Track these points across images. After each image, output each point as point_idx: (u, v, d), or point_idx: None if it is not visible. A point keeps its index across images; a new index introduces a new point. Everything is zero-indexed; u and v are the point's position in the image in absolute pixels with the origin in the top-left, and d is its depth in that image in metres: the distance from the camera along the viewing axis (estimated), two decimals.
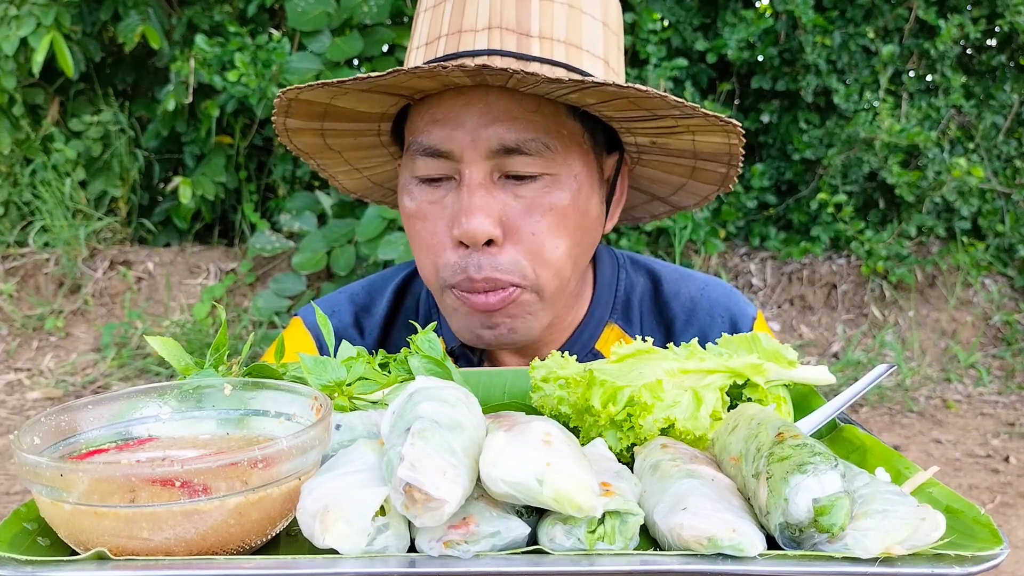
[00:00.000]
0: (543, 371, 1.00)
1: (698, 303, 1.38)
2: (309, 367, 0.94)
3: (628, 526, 0.71)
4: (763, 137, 5.38)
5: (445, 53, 1.13)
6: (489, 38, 1.12)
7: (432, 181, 1.16)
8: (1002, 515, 3.48)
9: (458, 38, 1.13)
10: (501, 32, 1.12)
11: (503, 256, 1.13)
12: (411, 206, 1.18)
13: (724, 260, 5.26)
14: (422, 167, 1.15)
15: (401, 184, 1.21)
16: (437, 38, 1.15)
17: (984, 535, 0.70)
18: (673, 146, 1.24)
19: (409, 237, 1.22)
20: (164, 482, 0.70)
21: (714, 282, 1.42)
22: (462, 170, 1.13)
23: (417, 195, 1.17)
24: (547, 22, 1.14)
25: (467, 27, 1.13)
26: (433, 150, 1.13)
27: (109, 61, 5.63)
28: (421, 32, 1.20)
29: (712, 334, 1.34)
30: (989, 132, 5.19)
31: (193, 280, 5.20)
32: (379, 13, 4.67)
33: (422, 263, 1.21)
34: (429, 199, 1.16)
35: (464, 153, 1.12)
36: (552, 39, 1.13)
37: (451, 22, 1.14)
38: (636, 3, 4.93)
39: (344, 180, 1.40)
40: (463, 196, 1.12)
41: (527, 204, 1.14)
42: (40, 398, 4.56)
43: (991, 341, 5.06)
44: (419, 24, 1.21)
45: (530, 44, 1.12)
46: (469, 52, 1.11)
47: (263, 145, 5.50)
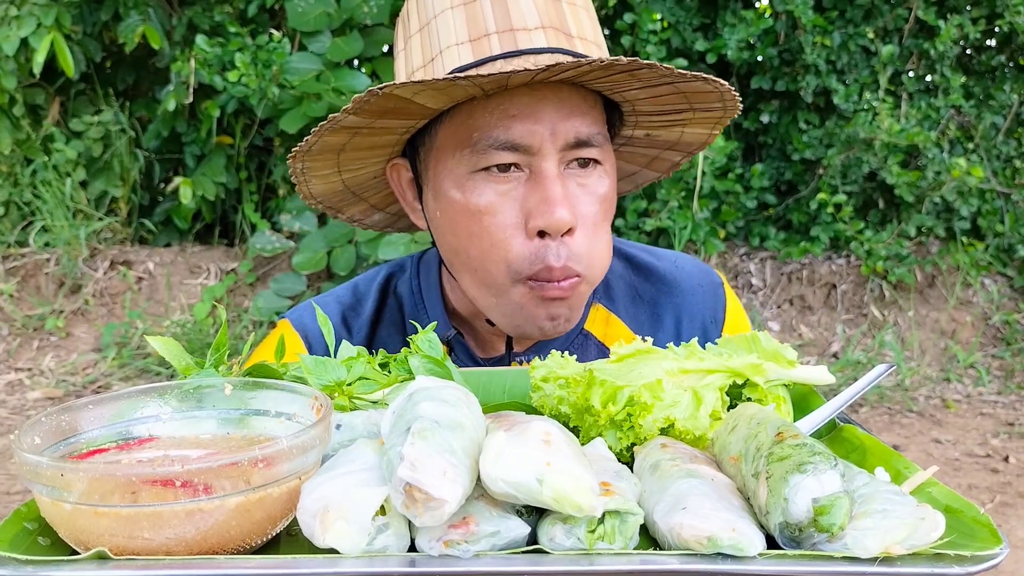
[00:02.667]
0: (543, 371, 1.00)
1: (675, 276, 1.45)
2: (309, 367, 0.94)
3: (628, 526, 0.71)
4: (763, 137, 5.38)
5: (505, 50, 1.15)
6: (546, 37, 1.16)
7: (500, 175, 1.17)
8: (1002, 515, 3.48)
9: (513, 36, 1.15)
10: (554, 32, 1.17)
11: (575, 244, 1.17)
12: (480, 201, 1.17)
13: (724, 260, 5.26)
14: (494, 159, 1.15)
15: (454, 180, 1.19)
16: (485, 35, 1.16)
17: (983, 535, 0.70)
18: (662, 138, 1.35)
19: (469, 234, 1.19)
20: (165, 482, 0.70)
21: (682, 256, 1.50)
22: (537, 163, 1.16)
23: (484, 190, 1.17)
24: (576, 23, 1.21)
25: (519, 26, 1.16)
26: (511, 144, 1.14)
27: (109, 61, 5.63)
28: (455, 29, 1.18)
29: (692, 305, 1.43)
30: (989, 132, 5.19)
31: (193, 280, 5.20)
32: (379, 13, 4.67)
33: (489, 257, 1.19)
34: (498, 191, 1.17)
35: (543, 146, 1.15)
36: (585, 39, 1.21)
37: (498, 20, 1.16)
38: (636, 3, 4.93)
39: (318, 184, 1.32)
40: (544, 187, 1.15)
41: (588, 193, 1.20)
42: (41, 398, 4.56)
43: (991, 341, 5.06)
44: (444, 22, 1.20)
45: (575, 43, 1.19)
46: (533, 50, 1.15)
47: (263, 145, 5.50)
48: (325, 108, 4.59)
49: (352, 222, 1.44)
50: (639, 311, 1.43)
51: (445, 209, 1.22)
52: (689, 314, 1.42)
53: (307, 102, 4.63)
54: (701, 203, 4.91)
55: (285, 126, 4.68)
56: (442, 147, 1.20)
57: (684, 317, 1.42)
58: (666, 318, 1.42)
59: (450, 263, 1.28)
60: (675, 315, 1.42)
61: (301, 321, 1.39)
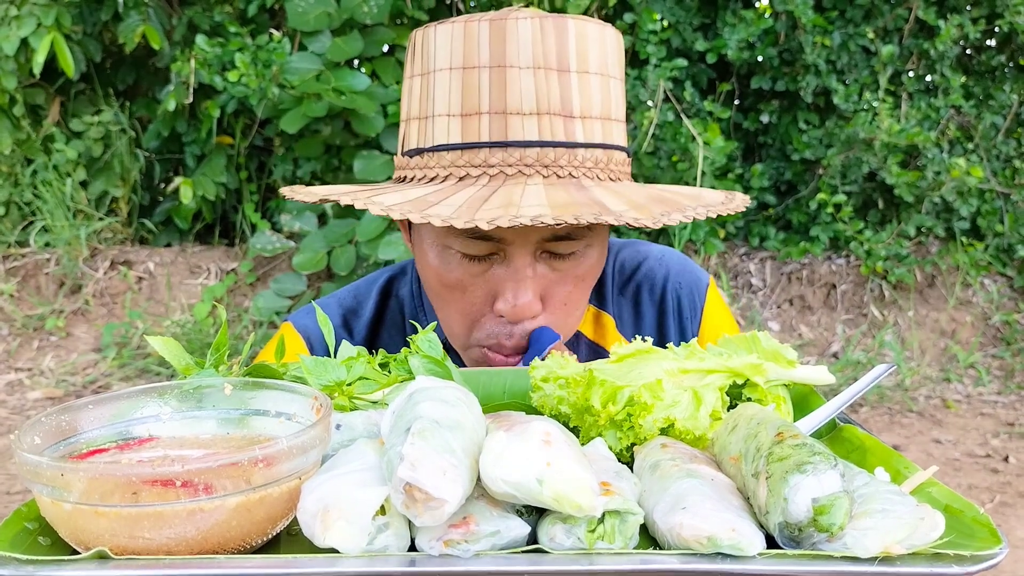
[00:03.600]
0: (543, 371, 1.00)
1: (658, 274, 1.45)
2: (309, 368, 0.94)
3: (628, 525, 0.71)
4: (763, 137, 5.38)
5: (492, 139, 1.12)
6: (539, 126, 1.12)
7: (474, 258, 1.17)
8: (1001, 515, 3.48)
9: (504, 120, 1.12)
10: (550, 119, 1.12)
11: (536, 324, 1.19)
12: (450, 277, 1.19)
13: (724, 260, 5.26)
14: (469, 247, 1.16)
15: (435, 248, 1.20)
16: (477, 113, 1.12)
17: (983, 535, 0.70)
18: None
19: (439, 298, 1.23)
20: (165, 482, 0.70)
21: (668, 251, 1.49)
22: (509, 251, 1.16)
23: (456, 268, 1.18)
24: (586, 99, 1.15)
25: (512, 108, 1.12)
26: (486, 236, 1.14)
27: (109, 61, 5.63)
28: (449, 96, 1.14)
29: (671, 301, 1.43)
30: (988, 132, 5.19)
31: (194, 280, 5.20)
32: (379, 13, 4.67)
33: (452, 322, 1.23)
34: (471, 272, 1.18)
35: (515, 240, 1.14)
36: (591, 117, 1.15)
37: (492, 98, 1.12)
38: (636, 3, 4.93)
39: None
40: (512, 276, 1.16)
41: (562, 276, 1.20)
42: (41, 398, 4.56)
43: (990, 341, 5.06)
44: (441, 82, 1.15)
45: (574, 128, 1.14)
46: (520, 143, 1.12)
47: (263, 145, 5.50)
48: (325, 108, 4.59)
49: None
50: (623, 306, 1.45)
51: (422, 265, 1.25)
52: (668, 309, 1.44)
53: (307, 102, 4.62)
54: None
55: (285, 126, 4.67)
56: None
57: (663, 312, 1.44)
58: (646, 313, 1.44)
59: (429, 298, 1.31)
60: (655, 310, 1.44)
61: (303, 324, 1.40)
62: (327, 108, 4.59)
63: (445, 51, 1.15)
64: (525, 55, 1.12)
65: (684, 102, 4.98)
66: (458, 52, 1.14)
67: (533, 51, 1.12)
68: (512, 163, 1.12)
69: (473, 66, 1.13)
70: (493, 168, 1.12)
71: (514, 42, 1.12)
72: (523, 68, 1.12)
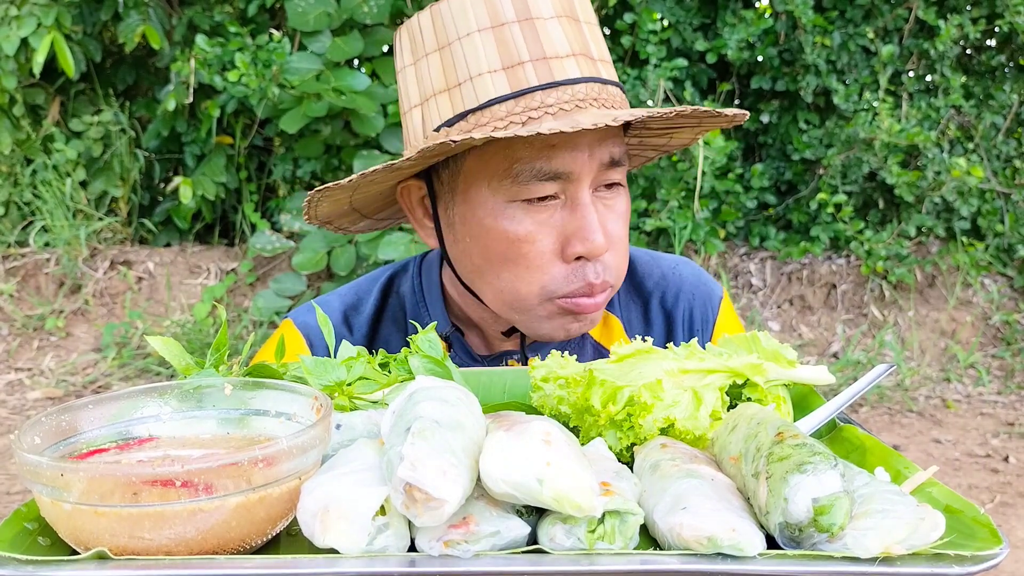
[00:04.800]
0: (543, 371, 1.00)
1: (671, 282, 1.47)
2: (309, 368, 0.94)
3: (628, 526, 0.71)
4: (763, 137, 5.38)
5: (542, 81, 1.16)
6: (578, 65, 1.18)
7: (538, 204, 1.19)
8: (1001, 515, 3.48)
9: (547, 65, 1.17)
10: (584, 59, 1.20)
11: (608, 260, 1.23)
12: (519, 230, 1.20)
13: (724, 260, 5.26)
14: (536, 190, 1.18)
15: (496, 208, 1.20)
16: (519, 63, 1.16)
17: (983, 535, 0.70)
18: (652, 143, 1.40)
19: (504, 259, 1.23)
20: (165, 482, 0.70)
21: (683, 262, 1.51)
22: (573, 190, 1.19)
23: (523, 219, 1.20)
24: (597, 44, 1.24)
25: (551, 54, 1.17)
26: (553, 173, 1.17)
27: (109, 61, 5.63)
28: (484, 54, 1.17)
29: (682, 312, 1.45)
30: (989, 132, 5.19)
31: (193, 280, 5.20)
32: (379, 13, 4.67)
33: (525, 281, 1.23)
34: (537, 221, 1.20)
35: (582, 171, 1.18)
36: (605, 61, 1.24)
37: (531, 48, 1.17)
38: (636, 3, 4.93)
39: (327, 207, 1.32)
40: (581, 215, 1.19)
41: (613, 212, 1.24)
42: (41, 398, 4.56)
43: (991, 341, 5.06)
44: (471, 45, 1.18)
45: (599, 68, 1.21)
46: (568, 80, 1.17)
47: (263, 145, 5.50)
48: (325, 108, 4.59)
49: (339, 230, 1.45)
50: (632, 312, 1.46)
51: (476, 235, 1.23)
52: (678, 319, 1.45)
53: (307, 102, 4.63)
54: (701, 203, 4.91)
55: (285, 126, 4.67)
56: (472, 174, 1.21)
57: (673, 321, 1.45)
58: (656, 321, 1.45)
59: (470, 280, 1.30)
60: (665, 319, 1.45)
61: (303, 321, 1.40)
62: (327, 108, 4.60)
63: (467, 17, 1.18)
64: (546, 7, 1.19)
65: (684, 102, 4.98)
66: (482, 14, 1.18)
67: (551, 2, 1.20)
68: (567, 99, 1.16)
69: (502, 23, 1.17)
70: (552, 107, 1.15)
71: None
72: (548, 19, 1.18)
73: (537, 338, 1.30)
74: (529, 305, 1.24)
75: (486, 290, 1.27)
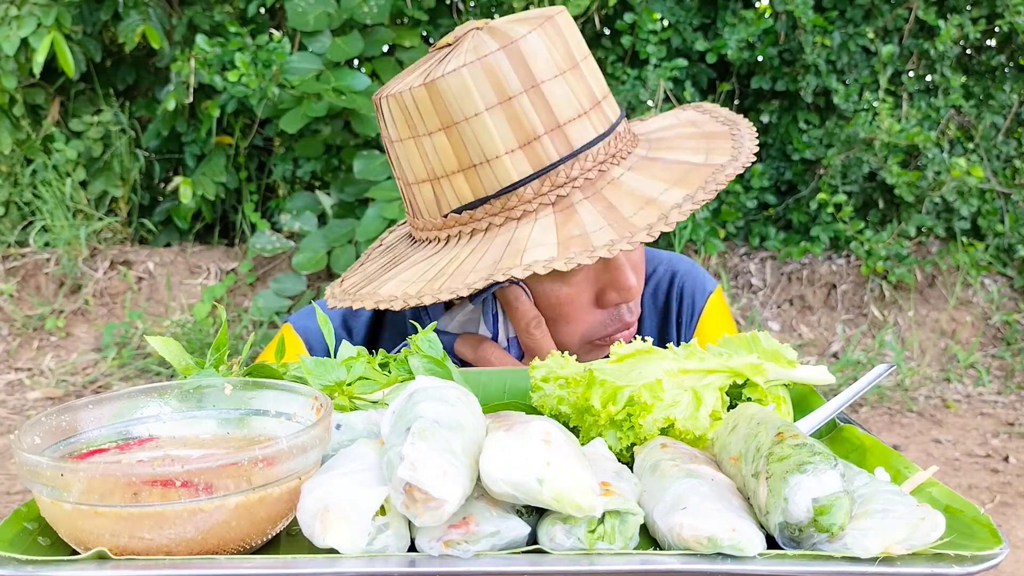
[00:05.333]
0: (543, 371, 1.00)
1: (664, 279, 1.47)
2: (309, 368, 0.94)
3: (628, 526, 0.71)
4: (763, 137, 5.38)
5: (562, 155, 1.15)
6: (592, 123, 1.17)
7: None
8: (1002, 515, 3.48)
9: (564, 134, 1.15)
10: (594, 112, 1.18)
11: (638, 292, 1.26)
12: (559, 295, 1.21)
13: (724, 260, 5.26)
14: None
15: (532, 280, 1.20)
16: (536, 138, 1.14)
17: (983, 535, 0.70)
18: None
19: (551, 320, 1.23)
20: (165, 482, 0.70)
21: (677, 258, 1.51)
22: None
23: (560, 286, 1.21)
24: (597, 83, 1.22)
25: (564, 120, 1.15)
26: None
27: (109, 61, 5.63)
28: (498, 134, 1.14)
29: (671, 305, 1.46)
30: (989, 132, 5.19)
31: (193, 280, 5.20)
32: (379, 13, 4.67)
33: (564, 334, 1.24)
34: (572, 284, 1.21)
35: None
36: (606, 97, 1.22)
37: (543, 118, 1.14)
38: (636, 3, 4.93)
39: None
40: (612, 267, 1.20)
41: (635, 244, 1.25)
42: (40, 398, 4.56)
43: (991, 341, 5.06)
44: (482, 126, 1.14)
45: (605, 111, 1.20)
46: (587, 145, 1.16)
47: (263, 145, 5.50)
48: (325, 108, 4.59)
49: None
50: None
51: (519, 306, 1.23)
52: (670, 312, 1.45)
53: (307, 102, 4.62)
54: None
55: (285, 126, 4.67)
56: None
57: (666, 316, 1.45)
58: (647, 318, 1.45)
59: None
60: (657, 315, 1.46)
61: (303, 326, 1.40)
62: (327, 108, 4.59)
63: (470, 95, 1.13)
64: (547, 67, 1.15)
65: (684, 102, 4.98)
66: (488, 90, 1.13)
67: (552, 59, 1.15)
68: (590, 167, 1.16)
69: (509, 97, 1.13)
70: (577, 180, 1.15)
71: (532, 58, 1.14)
72: (551, 79, 1.15)
73: None
74: (570, 351, 1.24)
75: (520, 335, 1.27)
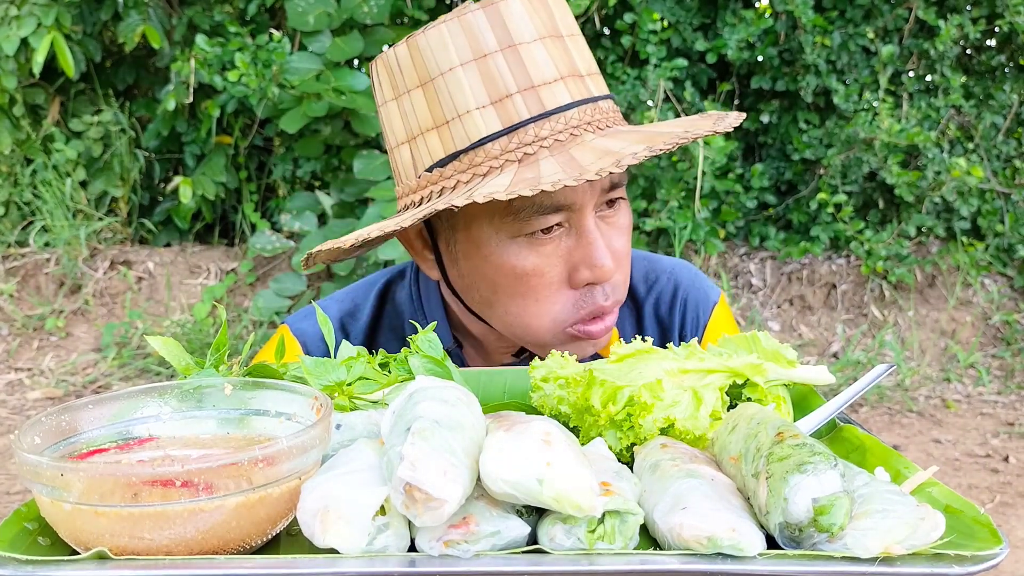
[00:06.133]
0: (543, 371, 1.00)
1: (665, 288, 1.45)
2: (309, 368, 0.94)
3: (628, 526, 0.71)
4: (763, 137, 5.38)
5: (532, 114, 1.14)
6: (567, 89, 1.16)
7: (543, 237, 1.17)
8: (1002, 515, 3.48)
9: (536, 95, 1.14)
10: (572, 80, 1.17)
11: (616, 279, 1.22)
12: (525, 265, 1.18)
13: (724, 260, 5.26)
14: (539, 223, 1.16)
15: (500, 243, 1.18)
16: (507, 96, 1.13)
17: (984, 535, 0.70)
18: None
19: (511, 294, 1.21)
20: (165, 482, 0.70)
21: (681, 265, 1.48)
22: (577, 218, 1.17)
23: (528, 254, 1.18)
24: (583, 58, 1.21)
25: (539, 81, 1.14)
26: (555, 207, 1.15)
27: (109, 61, 5.63)
28: (471, 90, 1.14)
29: (678, 317, 1.43)
30: (989, 132, 5.19)
31: (193, 280, 5.20)
32: (379, 13, 4.67)
33: (535, 313, 1.21)
34: (542, 254, 1.18)
35: (583, 199, 1.16)
36: (593, 73, 1.21)
37: (517, 78, 1.14)
38: (636, 3, 4.93)
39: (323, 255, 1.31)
40: (587, 242, 1.17)
41: (616, 228, 1.22)
42: (40, 398, 4.56)
43: (991, 341, 5.06)
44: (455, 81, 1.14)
45: (588, 84, 1.19)
46: (560, 108, 1.15)
47: (263, 145, 5.50)
48: (325, 108, 4.59)
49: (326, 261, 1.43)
50: (624, 319, 1.44)
51: (481, 271, 1.22)
52: (674, 325, 1.43)
53: (307, 102, 4.62)
54: (701, 203, 4.91)
55: (285, 126, 4.67)
56: (472, 212, 1.18)
57: (668, 330, 1.43)
58: (648, 327, 1.44)
59: (479, 310, 1.28)
60: (657, 324, 1.44)
61: (300, 328, 1.40)
62: (327, 108, 4.59)
63: (447, 50, 1.15)
64: (528, 30, 1.15)
65: (684, 102, 4.98)
66: (464, 46, 1.14)
67: (532, 24, 1.16)
68: (561, 129, 1.14)
69: (484, 54, 1.14)
70: (547, 140, 1.13)
71: (512, 20, 1.15)
72: (531, 42, 1.15)
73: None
74: (540, 336, 1.23)
75: (495, 320, 1.26)
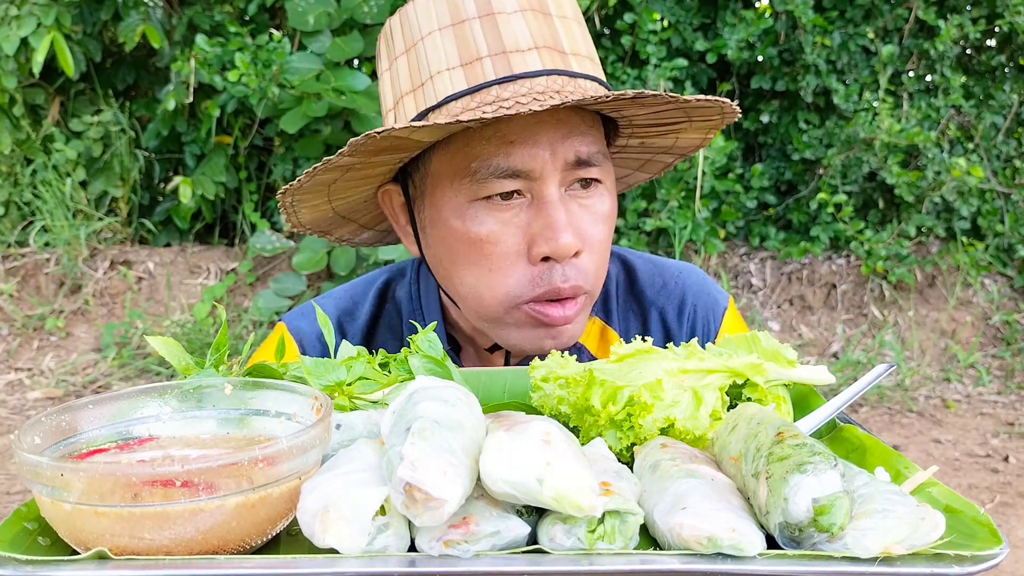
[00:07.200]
0: (543, 371, 1.00)
1: (673, 294, 1.42)
2: (309, 368, 0.94)
3: (628, 526, 0.71)
4: (763, 137, 5.38)
5: (499, 75, 1.12)
6: (540, 58, 1.14)
7: (502, 203, 1.15)
8: (1001, 515, 3.48)
9: (506, 59, 1.13)
10: (548, 51, 1.15)
11: (583, 264, 1.17)
12: (481, 230, 1.15)
13: (724, 260, 5.26)
14: (495, 187, 1.14)
15: (459, 206, 1.17)
16: (478, 59, 1.13)
17: (983, 535, 0.70)
18: (657, 144, 1.34)
19: (468, 262, 1.18)
20: (165, 482, 0.70)
21: (687, 269, 1.45)
22: (539, 188, 1.14)
23: (485, 218, 1.15)
24: (571, 39, 1.18)
25: (511, 48, 1.13)
26: (512, 171, 1.13)
27: (109, 61, 5.63)
28: (444, 52, 1.15)
29: (686, 325, 1.40)
30: (989, 132, 5.19)
31: (193, 280, 5.20)
32: (379, 13, 4.67)
33: (488, 284, 1.18)
34: (500, 220, 1.16)
35: (544, 169, 1.13)
36: (580, 55, 1.18)
37: (490, 43, 1.13)
38: (636, 3, 4.93)
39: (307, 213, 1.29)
40: (546, 213, 1.14)
41: (591, 212, 1.18)
42: (41, 398, 4.56)
43: (991, 341, 5.06)
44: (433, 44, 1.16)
45: (569, 61, 1.16)
46: (528, 73, 1.13)
47: (263, 145, 5.50)
48: (325, 108, 4.59)
49: (341, 242, 1.42)
50: (630, 323, 1.42)
51: (443, 237, 1.20)
52: (681, 333, 1.41)
53: (307, 102, 4.62)
54: (702, 203, 4.91)
55: (285, 126, 4.67)
56: (438, 175, 1.18)
57: (672, 331, 1.41)
58: (654, 331, 1.41)
59: (445, 285, 1.27)
60: (663, 328, 1.41)
61: (296, 326, 1.39)
62: (327, 108, 4.59)
63: (429, 16, 1.16)
64: (510, 1, 1.15)
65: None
66: (444, 12, 1.16)
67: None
68: (524, 92, 1.11)
69: (462, 20, 1.15)
70: (507, 101, 1.11)
71: None
72: (511, 13, 1.15)
73: (511, 349, 1.26)
74: (495, 312, 1.20)
75: (456, 295, 1.24)
